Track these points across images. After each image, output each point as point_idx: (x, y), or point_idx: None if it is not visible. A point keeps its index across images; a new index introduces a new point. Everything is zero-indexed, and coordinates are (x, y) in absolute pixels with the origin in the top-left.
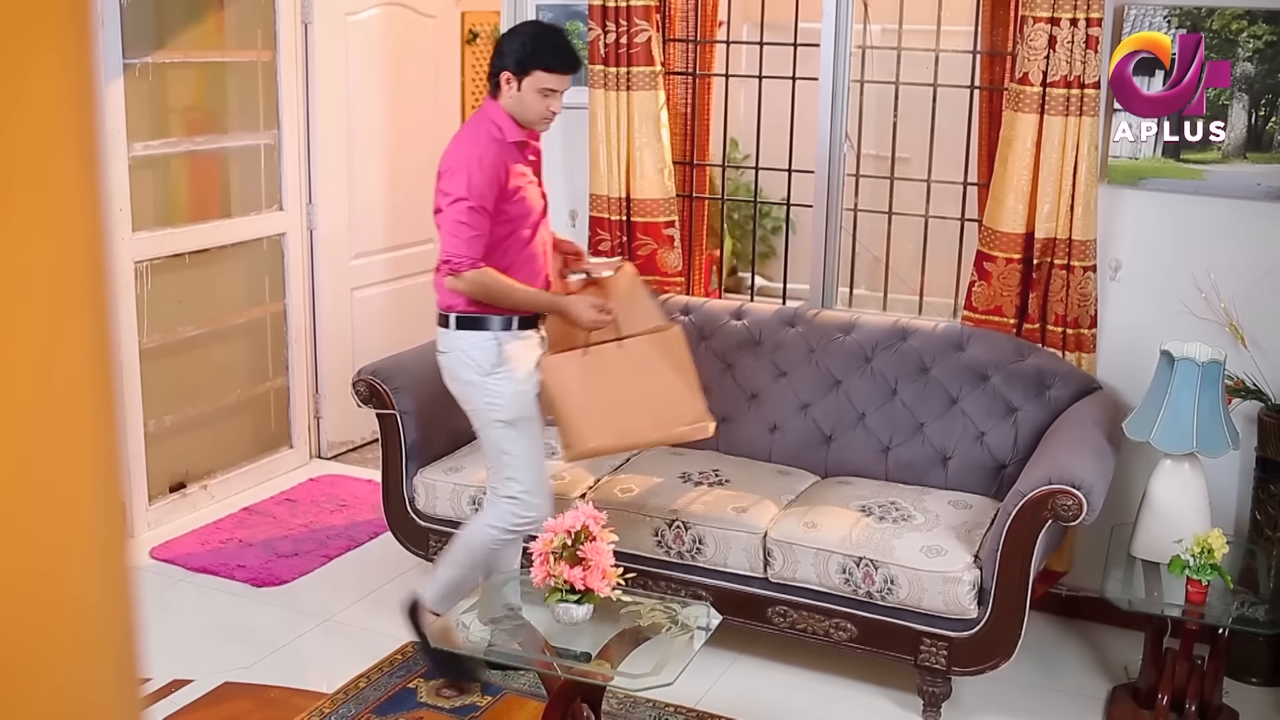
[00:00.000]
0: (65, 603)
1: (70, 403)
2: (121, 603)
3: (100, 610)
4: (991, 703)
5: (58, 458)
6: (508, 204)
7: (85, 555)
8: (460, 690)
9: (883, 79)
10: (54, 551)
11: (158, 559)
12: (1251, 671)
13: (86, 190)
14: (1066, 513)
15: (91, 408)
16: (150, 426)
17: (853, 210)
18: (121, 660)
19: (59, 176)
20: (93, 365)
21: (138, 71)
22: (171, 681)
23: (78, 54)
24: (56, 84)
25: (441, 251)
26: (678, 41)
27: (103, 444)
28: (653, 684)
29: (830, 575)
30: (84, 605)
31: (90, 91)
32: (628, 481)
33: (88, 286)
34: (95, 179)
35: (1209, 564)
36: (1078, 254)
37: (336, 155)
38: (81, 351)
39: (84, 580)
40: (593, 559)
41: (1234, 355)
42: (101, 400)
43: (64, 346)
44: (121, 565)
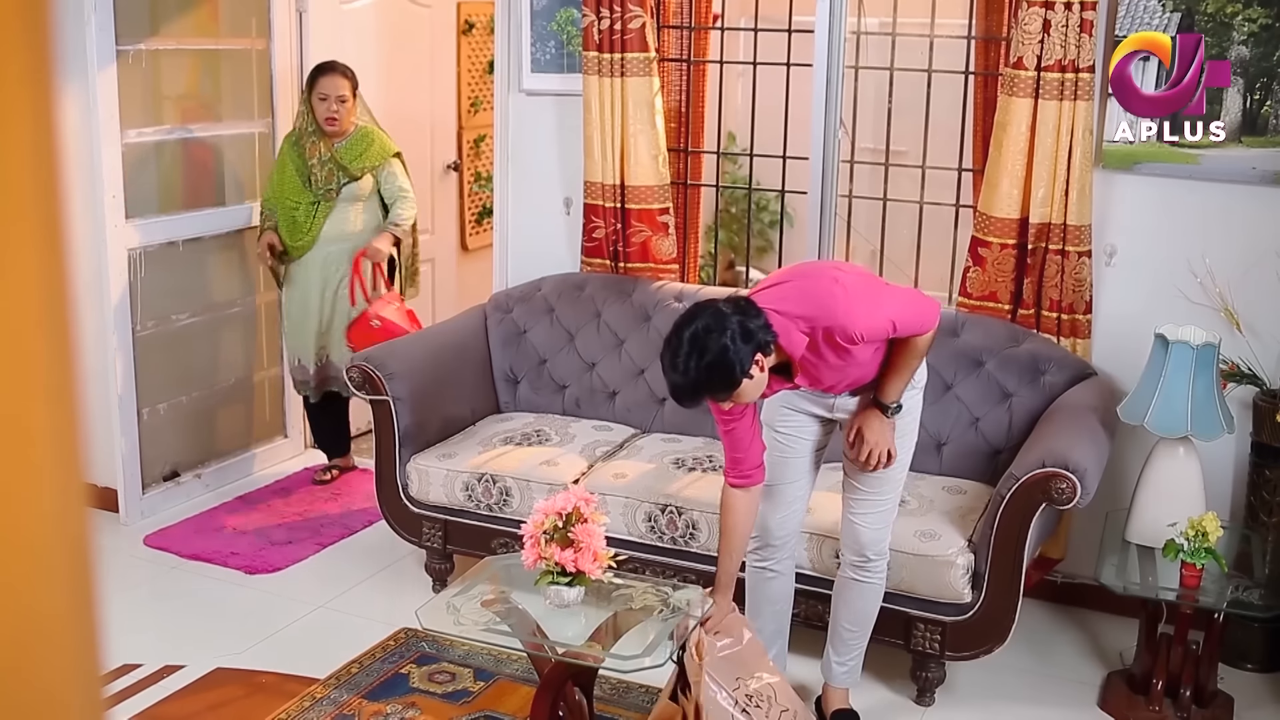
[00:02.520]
0: (19, 600)
1: (24, 385)
2: (82, 598)
3: (60, 604)
4: (986, 689)
5: (8, 441)
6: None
7: (42, 545)
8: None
9: (877, 65)
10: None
11: (151, 546)
12: (1247, 657)
13: (41, 176)
14: (1061, 496)
15: (48, 390)
16: (144, 415)
17: (848, 197)
18: (82, 655)
19: (9, 160)
20: (50, 344)
21: (131, 58)
22: (163, 667)
23: (31, 50)
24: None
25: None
26: (672, 28)
27: (61, 427)
28: (643, 665)
29: (824, 560)
30: (42, 601)
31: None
32: (621, 467)
33: (44, 267)
34: (52, 166)
35: (1203, 547)
36: (1072, 239)
37: None
38: (38, 332)
39: (41, 571)
40: (584, 541)
41: (1229, 340)
42: (60, 383)
43: (17, 325)
44: (83, 554)
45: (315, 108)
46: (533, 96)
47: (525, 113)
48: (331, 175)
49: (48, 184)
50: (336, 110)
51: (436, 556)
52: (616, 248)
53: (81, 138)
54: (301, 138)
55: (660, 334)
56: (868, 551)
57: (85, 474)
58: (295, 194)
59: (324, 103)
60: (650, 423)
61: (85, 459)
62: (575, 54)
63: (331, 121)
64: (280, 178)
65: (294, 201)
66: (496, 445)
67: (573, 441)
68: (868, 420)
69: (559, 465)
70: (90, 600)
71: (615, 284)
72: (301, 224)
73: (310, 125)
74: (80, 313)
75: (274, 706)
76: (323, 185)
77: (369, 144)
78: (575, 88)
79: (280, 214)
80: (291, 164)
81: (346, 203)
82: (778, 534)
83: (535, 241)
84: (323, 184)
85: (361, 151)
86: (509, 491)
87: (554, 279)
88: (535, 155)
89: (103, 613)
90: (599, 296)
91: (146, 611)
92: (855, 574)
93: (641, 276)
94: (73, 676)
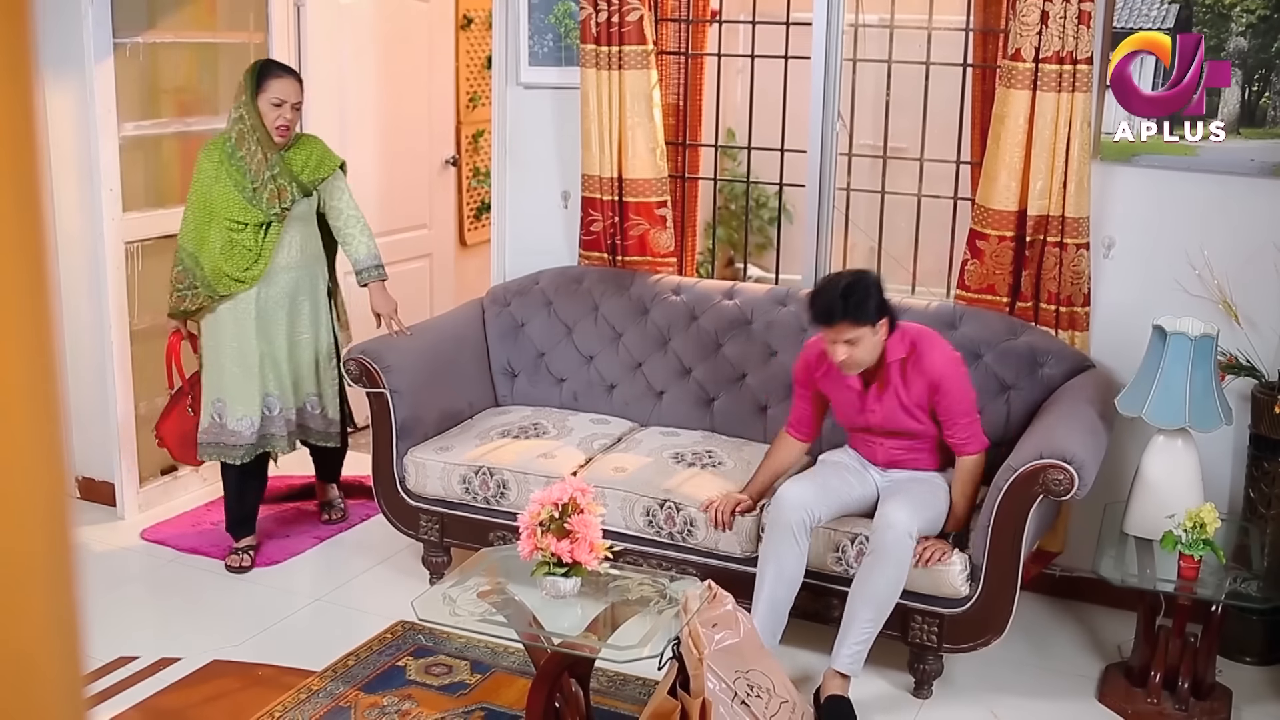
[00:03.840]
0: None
1: (2, 380)
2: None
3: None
4: (984, 681)
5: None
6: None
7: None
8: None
9: (875, 58)
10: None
11: (148, 540)
12: (1246, 651)
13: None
14: (1058, 487)
15: (26, 386)
16: (141, 409)
17: (846, 190)
18: (65, 660)
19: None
20: (27, 341)
21: (128, 51)
22: (159, 660)
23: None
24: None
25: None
26: (670, 21)
27: (41, 424)
28: (639, 656)
29: (822, 554)
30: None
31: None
32: (620, 460)
33: (21, 265)
34: (31, 162)
35: (1201, 539)
36: (1070, 231)
37: (328, 139)
38: (15, 328)
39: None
40: (580, 532)
41: (1227, 332)
42: (39, 379)
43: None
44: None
45: (265, 113)
46: (530, 90)
47: (523, 106)
48: (284, 190)
49: (25, 182)
50: (291, 118)
51: (433, 549)
52: (614, 241)
53: (78, 130)
54: (239, 147)
55: (658, 327)
56: (886, 519)
57: (66, 473)
58: (239, 213)
59: (278, 109)
60: (649, 416)
61: (66, 457)
62: (573, 47)
63: (284, 130)
64: (212, 198)
65: (237, 223)
66: (494, 438)
67: (570, 435)
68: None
69: (556, 458)
70: (72, 599)
71: (613, 277)
72: (248, 250)
73: (253, 133)
74: (58, 308)
75: (270, 699)
76: (274, 203)
77: (319, 152)
78: (573, 81)
79: (216, 243)
80: (229, 179)
81: (299, 222)
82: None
83: (533, 234)
84: (273, 201)
85: (315, 162)
86: (506, 484)
87: (552, 272)
88: (533, 148)
89: (85, 612)
90: (597, 290)
91: (143, 605)
92: (871, 550)
93: (639, 270)
94: (55, 674)
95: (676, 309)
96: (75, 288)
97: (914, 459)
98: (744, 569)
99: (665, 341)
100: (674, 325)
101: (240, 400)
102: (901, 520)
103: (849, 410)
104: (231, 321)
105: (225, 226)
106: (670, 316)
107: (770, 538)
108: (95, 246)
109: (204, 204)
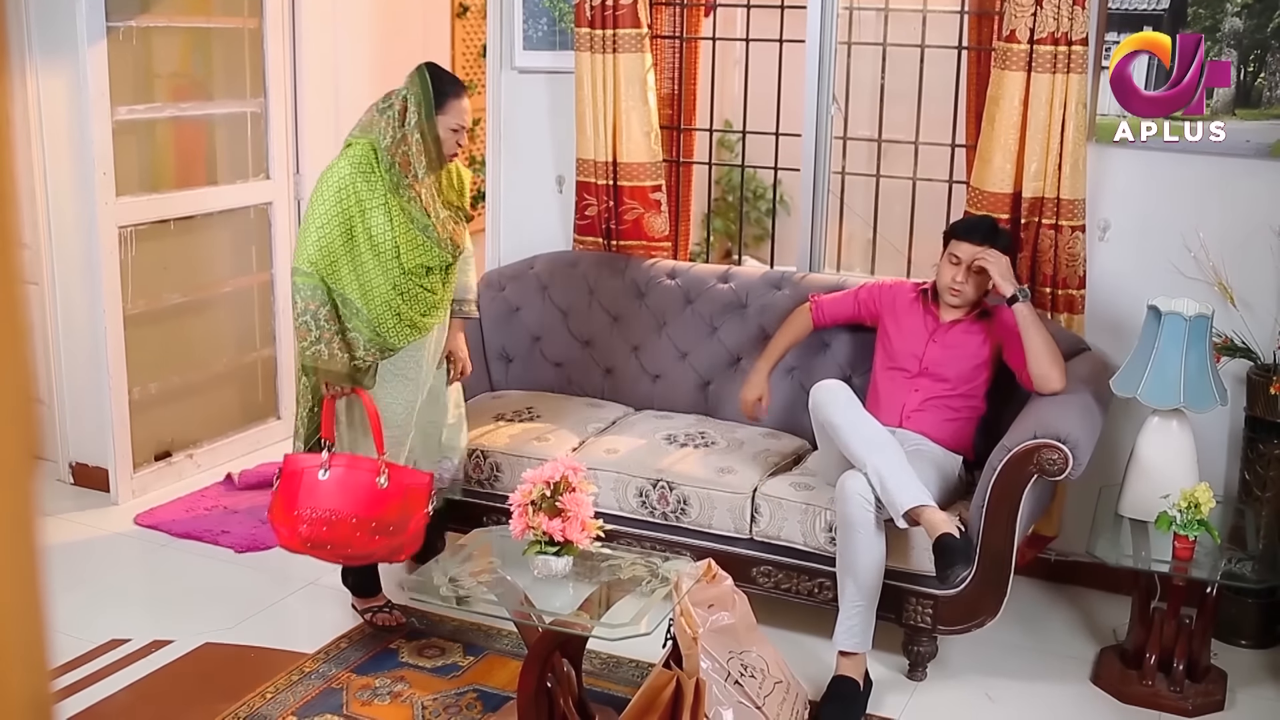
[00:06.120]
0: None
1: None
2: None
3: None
4: (978, 663)
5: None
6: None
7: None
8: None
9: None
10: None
11: (142, 525)
12: (1241, 634)
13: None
14: (1052, 467)
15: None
16: (135, 394)
17: (840, 174)
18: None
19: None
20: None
21: (121, 35)
22: (151, 642)
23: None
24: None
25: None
26: (664, 4)
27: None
28: (630, 634)
29: (816, 534)
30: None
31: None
32: (613, 442)
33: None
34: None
35: (1196, 519)
36: (1066, 213)
37: (323, 126)
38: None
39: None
40: (572, 510)
41: (1223, 314)
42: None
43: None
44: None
45: (444, 139)
46: (525, 74)
47: (518, 90)
48: (460, 232)
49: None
50: (461, 145)
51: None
52: (609, 225)
53: (71, 114)
54: (404, 174)
55: (653, 312)
56: (841, 487)
57: (34, 466)
58: (427, 258)
59: (456, 134)
60: (644, 400)
61: (35, 449)
62: (567, 31)
63: (453, 159)
64: (392, 240)
65: (424, 266)
66: (488, 422)
67: (565, 419)
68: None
69: (550, 441)
70: (36, 590)
71: (608, 261)
72: (438, 298)
73: (422, 157)
74: (28, 296)
75: (262, 679)
76: (449, 246)
77: (454, 171)
78: (567, 65)
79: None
80: (407, 217)
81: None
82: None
83: (528, 219)
84: (447, 244)
85: (459, 185)
86: (499, 467)
87: (546, 257)
88: (528, 133)
89: (50, 602)
90: (592, 274)
91: (136, 589)
92: (838, 523)
93: (634, 254)
94: (19, 667)
95: (672, 293)
96: (69, 272)
97: (934, 417)
98: (738, 550)
99: (661, 325)
100: (669, 309)
101: (427, 451)
102: (852, 486)
103: (910, 340)
104: (398, 375)
105: (412, 279)
106: (665, 300)
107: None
108: (89, 231)
109: (369, 243)
